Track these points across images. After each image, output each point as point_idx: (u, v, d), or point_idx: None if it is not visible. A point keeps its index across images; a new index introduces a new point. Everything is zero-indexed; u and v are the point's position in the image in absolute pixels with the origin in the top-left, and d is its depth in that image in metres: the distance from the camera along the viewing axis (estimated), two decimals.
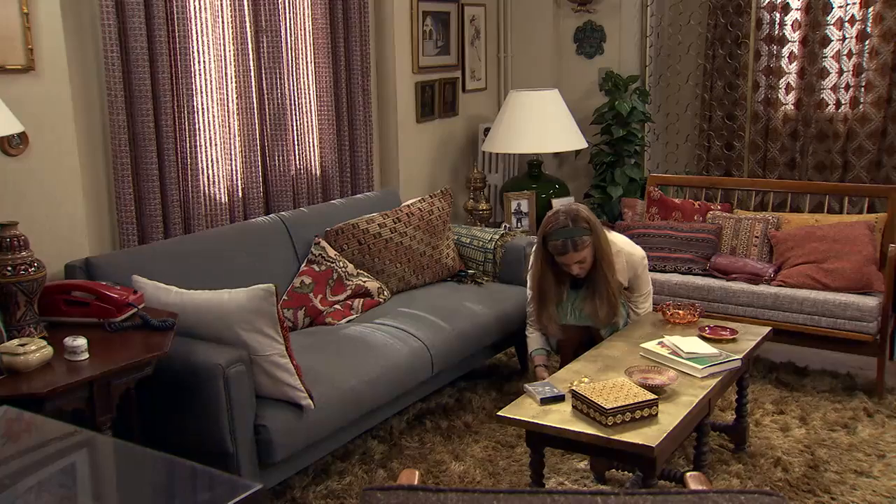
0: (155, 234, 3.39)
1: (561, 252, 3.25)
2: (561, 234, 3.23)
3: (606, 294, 3.31)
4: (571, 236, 3.22)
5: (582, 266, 3.29)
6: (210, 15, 3.55)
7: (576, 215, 3.25)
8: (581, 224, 3.24)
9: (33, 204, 2.98)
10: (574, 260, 3.25)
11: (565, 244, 3.22)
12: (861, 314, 3.66)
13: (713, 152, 5.68)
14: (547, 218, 3.32)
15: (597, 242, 3.27)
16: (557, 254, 3.27)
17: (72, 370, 2.31)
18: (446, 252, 4.08)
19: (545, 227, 3.30)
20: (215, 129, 3.63)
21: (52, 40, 2.97)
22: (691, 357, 2.89)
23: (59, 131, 3.03)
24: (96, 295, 2.65)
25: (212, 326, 2.76)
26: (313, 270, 3.63)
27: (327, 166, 4.22)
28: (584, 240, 3.23)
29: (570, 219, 3.24)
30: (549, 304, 3.39)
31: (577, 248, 3.22)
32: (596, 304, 3.33)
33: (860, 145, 5.20)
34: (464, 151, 5.33)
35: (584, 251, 3.24)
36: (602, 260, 3.30)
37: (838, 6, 5.17)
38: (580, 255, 3.25)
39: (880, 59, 5.06)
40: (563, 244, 3.22)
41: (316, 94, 4.14)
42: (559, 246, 3.23)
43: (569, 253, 3.23)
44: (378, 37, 4.60)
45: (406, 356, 3.29)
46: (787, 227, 4.16)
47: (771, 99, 5.45)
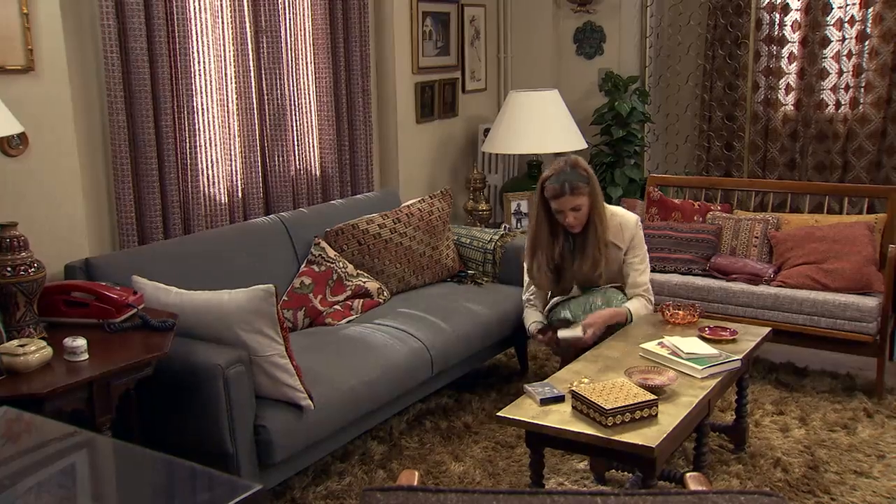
0: (155, 234, 3.39)
1: (557, 194, 3.29)
2: (559, 177, 3.29)
3: (600, 249, 3.37)
4: (569, 180, 3.28)
5: (576, 216, 3.33)
6: (210, 15, 3.56)
7: (575, 163, 3.35)
8: (579, 171, 3.32)
9: (33, 204, 2.97)
10: (569, 205, 3.29)
11: (562, 186, 3.27)
12: (861, 315, 3.66)
13: (713, 153, 5.68)
14: (550, 166, 3.40)
15: (592, 193, 3.34)
16: (553, 196, 3.31)
17: (71, 371, 2.31)
18: (446, 252, 4.08)
19: (545, 174, 3.37)
20: (215, 129, 3.63)
21: (51, 41, 2.97)
22: (691, 358, 2.89)
23: (58, 132, 3.03)
24: (96, 295, 2.65)
25: (211, 327, 2.76)
26: (313, 271, 3.63)
27: (327, 167, 4.22)
28: (580, 185, 3.29)
29: (568, 165, 3.33)
30: (540, 253, 3.43)
31: (572, 192, 3.27)
32: (588, 260, 3.39)
33: (860, 146, 5.21)
34: (463, 152, 5.33)
35: (580, 199, 3.30)
36: (595, 212, 3.36)
37: (838, 7, 5.17)
38: (575, 201, 3.29)
39: (880, 60, 5.06)
40: (560, 187, 3.27)
41: (316, 94, 4.14)
42: (556, 189, 3.28)
43: (565, 196, 3.28)
44: (378, 37, 4.60)
45: (406, 357, 3.29)
46: (786, 227, 4.16)
47: (771, 99, 5.45)
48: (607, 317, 3.36)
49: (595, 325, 3.31)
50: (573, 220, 3.34)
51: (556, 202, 3.32)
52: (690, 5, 5.53)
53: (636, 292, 3.49)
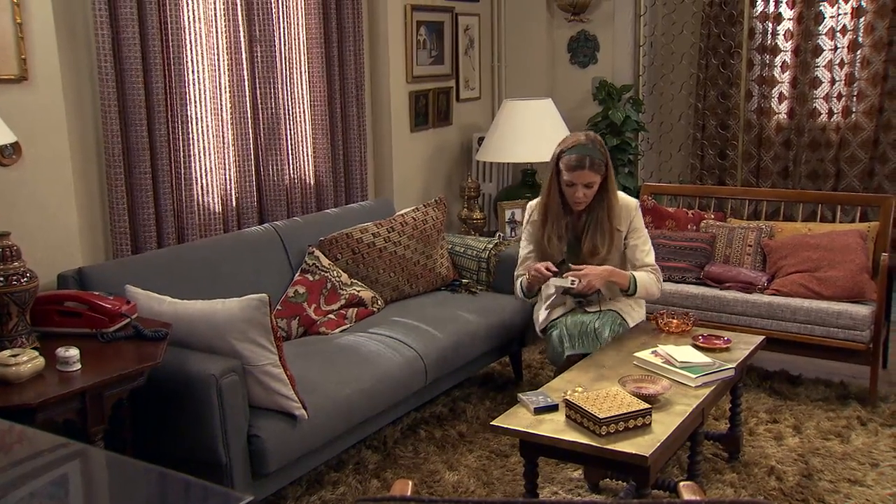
0: (148, 243, 3.39)
1: (575, 167, 3.24)
2: (581, 149, 3.25)
3: (609, 228, 3.34)
4: (590, 154, 3.24)
5: (586, 193, 3.29)
6: (204, 25, 3.56)
7: (595, 139, 3.32)
8: (599, 148, 3.30)
9: (26, 213, 2.97)
10: (584, 180, 3.26)
11: (582, 160, 3.23)
12: (854, 323, 3.67)
13: (707, 161, 5.70)
14: (568, 136, 3.36)
15: (608, 173, 3.32)
16: (570, 168, 3.26)
17: (64, 381, 2.30)
18: (440, 261, 4.08)
19: (563, 144, 3.32)
20: (209, 138, 3.63)
21: (45, 50, 2.97)
22: (685, 366, 2.89)
23: (52, 141, 3.03)
24: (89, 305, 2.65)
25: (205, 336, 2.75)
26: (307, 280, 3.62)
27: (321, 175, 4.22)
28: (599, 163, 3.26)
29: (589, 140, 3.30)
30: (552, 224, 3.38)
31: (591, 167, 3.24)
32: (597, 239, 3.34)
33: (852, 154, 5.23)
34: (458, 160, 5.33)
35: (595, 176, 3.27)
36: (609, 192, 3.33)
37: (830, 16, 5.21)
38: (592, 177, 3.26)
39: (872, 69, 5.09)
40: (580, 159, 3.23)
41: (310, 103, 4.14)
42: (576, 159, 3.24)
43: (584, 170, 3.24)
44: (372, 46, 4.61)
45: (400, 365, 3.29)
46: (780, 235, 4.17)
47: (764, 108, 5.48)
48: (604, 272, 3.30)
49: (589, 275, 3.26)
50: (583, 197, 3.30)
51: (571, 174, 3.26)
52: (684, 15, 5.55)
53: (644, 270, 3.43)
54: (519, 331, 3.99)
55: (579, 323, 3.36)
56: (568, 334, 3.36)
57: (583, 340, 3.34)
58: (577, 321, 3.38)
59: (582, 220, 3.41)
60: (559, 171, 3.32)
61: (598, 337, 3.32)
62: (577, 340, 3.34)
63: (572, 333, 3.36)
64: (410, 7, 4.71)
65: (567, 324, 3.39)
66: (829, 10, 5.19)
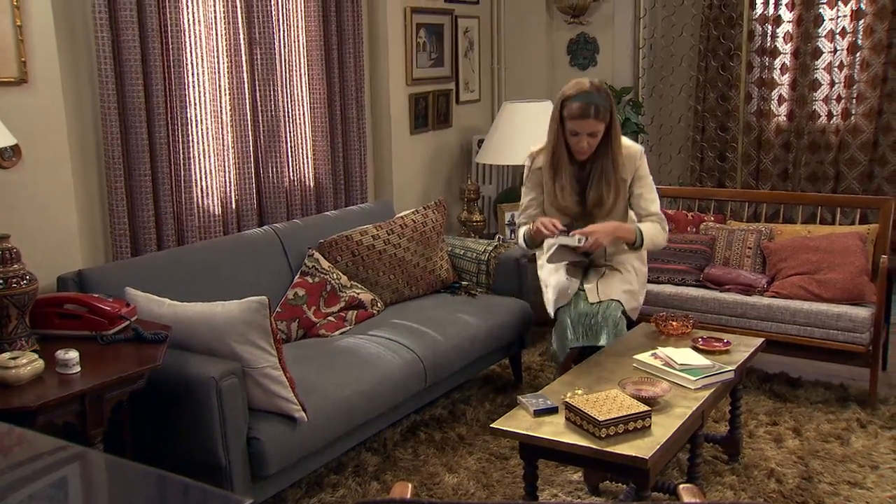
0: (148, 245, 3.39)
1: (580, 115, 3.15)
2: (586, 97, 3.16)
3: (615, 178, 3.27)
4: (595, 103, 3.15)
5: (590, 143, 3.22)
6: (204, 27, 3.56)
7: (600, 87, 3.21)
8: (604, 95, 3.20)
9: (26, 216, 2.97)
10: (588, 129, 3.18)
11: (587, 108, 3.14)
12: (854, 325, 3.67)
13: (706, 163, 5.71)
14: (571, 83, 3.25)
15: (613, 121, 3.24)
16: (574, 117, 3.16)
17: (63, 383, 2.30)
18: (440, 264, 4.08)
19: (567, 90, 3.22)
20: (209, 140, 3.63)
21: (45, 52, 2.97)
22: (684, 369, 2.89)
23: (52, 143, 3.03)
24: (88, 307, 2.65)
25: (205, 339, 2.75)
26: (307, 282, 3.62)
27: (321, 178, 4.22)
28: (604, 111, 3.18)
29: (594, 87, 3.20)
30: (563, 175, 3.30)
31: (597, 116, 3.16)
32: (602, 189, 3.28)
33: (852, 156, 5.23)
34: (458, 163, 5.34)
35: (600, 125, 3.19)
36: (613, 140, 3.25)
37: (829, 19, 5.21)
38: (596, 126, 3.18)
39: (871, 71, 5.09)
40: (585, 107, 3.14)
41: (310, 105, 4.14)
42: (580, 107, 3.15)
43: (588, 119, 3.15)
44: (372, 49, 4.61)
45: (399, 368, 3.29)
46: (779, 238, 4.17)
47: (763, 110, 5.48)
48: (610, 229, 3.25)
49: (596, 233, 3.20)
50: (587, 146, 3.22)
51: (575, 123, 3.17)
52: (683, 17, 5.56)
53: (649, 220, 3.37)
54: (518, 333, 3.99)
55: (583, 315, 3.34)
56: (572, 326, 3.36)
57: (587, 333, 3.33)
58: (581, 313, 3.34)
59: (586, 169, 3.33)
60: (563, 118, 3.23)
61: (599, 332, 3.31)
62: (581, 333, 3.33)
63: (576, 326, 3.35)
64: (410, 9, 4.72)
65: (571, 315, 3.36)
66: (829, 12, 5.19)
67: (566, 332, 3.36)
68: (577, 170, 3.34)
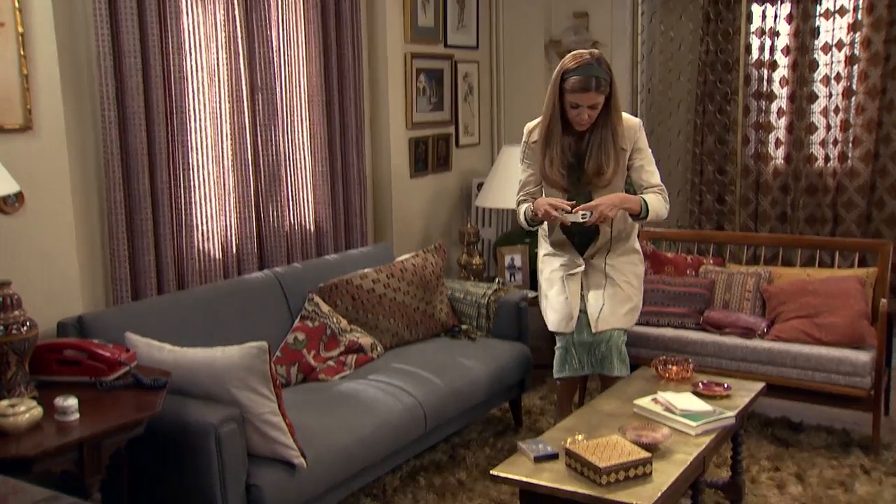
0: (149, 290, 3.40)
1: (581, 88, 3.16)
2: (587, 69, 3.15)
3: (614, 148, 3.28)
4: (596, 76, 3.15)
5: (591, 115, 3.22)
6: (206, 73, 3.60)
7: (600, 58, 3.21)
8: (605, 68, 3.20)
9: (27, 261, 2.98)
10: (590, 102, 3.18)
11: (588, 80, 3.14)
12: (855, 369, 3.65)
13: (705, 206, 5.74)
14: (570, 56, 3.24)
15: (613, 92, 3.24)
16: (575, 90, 3.17)
17: (62, 431, 2.29)
18: (440, 307, 4.08)
19: (567, 63, 3.21)
20: (210, 185, 3.66)
21: (50, 100, 3.01)
22: (685, 414, 2.88)
23: (54, 189, 3.06)
24: (88, 353, 2.64)
25: (204, 384, 2.74)
26: (307, 326, 3.62)
27: (321, 221, 4.24)
28: (605, 83, 3.18)
29: (595, 59, 3.19)
30: (554, 147, 3.31)
31: (598, 89, 3.16)
32: (602, 159, 3.28)
33: (849, 199, 5.26)
34: (457, 206, 5.36)
35: (601, 97, 3.19)
36: (613, 111, 3.25)
37: (824, 64, 5.28)
38: (597, 98, 3.18)
39: (866, 115, 5.14)
40: (587, 80, 3.14)
41: (310, 149, 4.18)
42: (581, 81, 3.15)
43: (589, 92, 3.16)
44: (372, 93, 4.67)
45: (399, 413, 3.27)
46: (779, 281, 4.18)
47: (761, 153, 5.53)
48: (617, 201, 3.24)
49: (601, 206, 3.20)
50: (587, 118, 3.22)
51: (576, 96, 3.18)
52: (680, 62, 5.63)
53: (652, 191, 3.37)
54: (519, 377, 3.99)
55: (587, 344, 3.42)
56: (577, 355, 3.43)
57: (592, 363, 3.44)
58: (584, 342, 3.42)
59: (584, 139, 3.33)
60: (562, 91, 3.24)
61: (601, 362, 3.42)
62: (588, 363, 3.44)
63: (581, 355, 3.43)
64: (410, 55, 4.78)
65: (575, 342, 3.42)
66: (824, 57, 5.26)
67: (571, 358, 3.45)
68: (574, 141, 3.35)
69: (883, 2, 4.99)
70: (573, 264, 3.49)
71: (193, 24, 3.53)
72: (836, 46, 5.21)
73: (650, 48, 5.55)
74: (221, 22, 3.64)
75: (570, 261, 3.51)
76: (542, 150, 3.35)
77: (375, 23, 4.62)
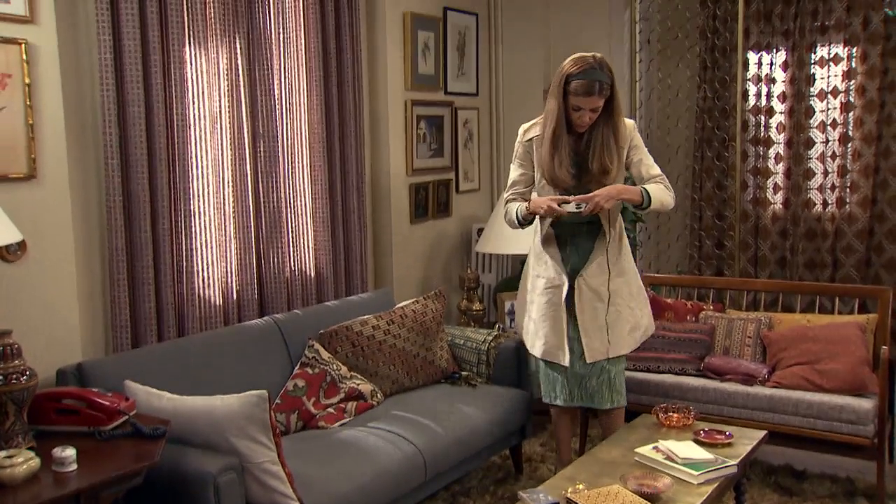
0: (149, 337, 3.39)
1: (584, 92, 3.22)
2: (590, 73, 3.22)
3: (617, 148, 3.33)
4: (599, 79, 3.22)
5: (591, 117, 3.29)
6: (209, 121, 3.64)
7: (602, 61, 3.27)
8: (607, 71, 3.26)
9: (29, 309, 2.99)
10: (592, 105, 3.25)
11: (592, 85, 3.21)
12: (857, 417, 3.63)
13: (704, 251, 5.75)
14: (571, 60, 3.30)
15: (614, 93, 3.30)
16: (579, 94, 3.23)
17: (59, 482, 2.28)
18: (440, 354, 4.08)
19: (570, 66, 3.27)
20: (211, 231, 3.68)
21: (54, 149, 3.04)
22: (686, 463, 2.86)
23: (57, 237, 3.07)
24: (87, 402, 2.63)
25: (203, 433, 2.73)
26: (307, 373, 3.62)
27: (322, 268, 4.25)
28: (607, 86, 3.25)
29: (598, 63, 3.25)
30: (562, 149, 3.34)
31: (600, 92, 3.23)
32: (605, 158, 3.32)
33: (848, 244, 5.28)
34: (457, 251, 5.38)
35: (602, 100, 3.26)
36: (615, 112, 3.32)
37: (820, 110, 5.33)
38: (599, 101, 3.25)
39: (863, 161, 5.18)
40: (590, 84, 3.21)
41: (311, 196, 4.20)
42: (585, 85, 3.21)
43: (593, 96, 3.22)
44: (373, 140, 4.71)
45: (399, 461, 3.25)
46: (779, 327, 4.17)
47: (759, 198, 5.56)
48: (614, 192, 3.28)
49: (596, 196, 3.23)
50: (589, 120, 3.30)
51: (580, 100, 3.25)
52: (678, 109, 5.69)
53: (653, 181, 3.41)
54: (519, 424, 3.96)
55: (579, 377, 3.47)
56: (568, 388, 3.49)
57: (582, 395, 3.50)
58: (576, 374, 3.47)
59: (584, 139, 3.39)
60: (566, 94, 3.29)
61: (592, 396, 3.48)
62: (578, 395, 3.49)
63: (572, 387, 3.48)
64: (411, 102, 4.84)
65: (568, 375, 3.48)
66: (820, 104, 5.32)
67: (558, 388, 3.52)
68: (574, 141, 3.40)
69: (876, 50, 5.06)
70: (559, 280, 3.47)
71: (197, 73, 3.57)
72: (831, 93, 5.27)
73: (648, 95, 5.62)
74: (224, 70, 3.70)
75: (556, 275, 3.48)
76: (551, 153, 3.39)
77: (377, 70, 4.68)
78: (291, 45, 4.06)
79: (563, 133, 3.36)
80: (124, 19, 3.24)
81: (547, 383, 3.60)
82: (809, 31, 5.29)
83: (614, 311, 3.44)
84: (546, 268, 3.52)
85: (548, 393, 3.61)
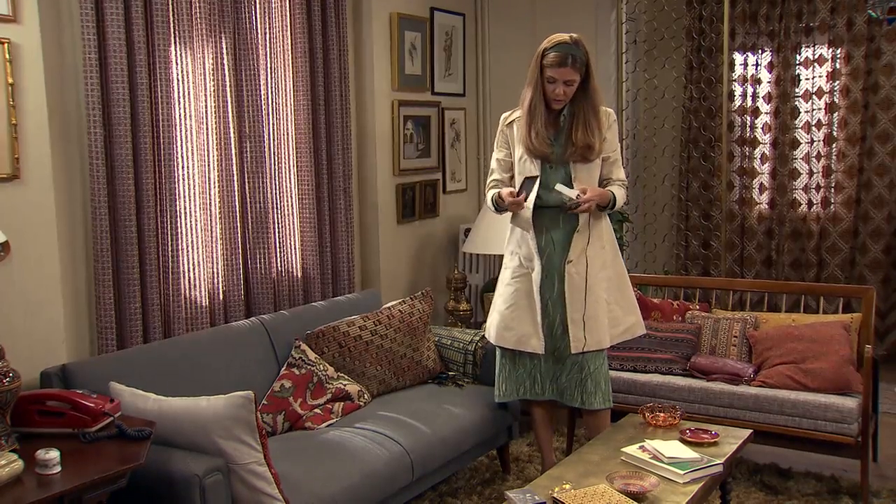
0: (134, 338, 3.38)
1: (557, 63, 3.33)
2: (562, 47, 3.35)
3: (597, 126, 3.42)
4: (572, 53, 3.33)
5: (566, 91, 3.38)
6: (195, 122, 3.63)
7: (578, 40, 3.40)
8: (582, 48, 3.38)
9: (12, 310, 2.97)
10: (565, 77, 3.34)
11: (565, 57, 3.32)
12: (842, 416, 3.65)
13: (691, 251, 5.78)
14: (549, 38, 3.42)
15: (590, 74, 3.40)
16: (552, 65, 3.34)
17: (42, 485, 2.26)
18: (427, 354, 4.08)
19: (546, 43, 3.40)
20: (197, 232, 3.66)
21: (38, 149, 3.02)
22: (672, 462, 2.87)
23: (41, 238, 3.05)
24: (71, 404, 2.61)
25: (189, 434, 2.72)
26: (293, 374, 3.61)
27: (308, 268, 4.25)
28: (580, 61, 3.34)
29: (573, 40, 3.38)
30: (539, 121, 3.43)
31: (573, 64, 3.33)
32: (588, 135, 3.40)
33: (833, 244, 5.32)
34: (444, 252, 5.38)
35: (576, 74, 3.35)
36: (591, 91, 3.41)
37: (805, 111, 5.37)
38: (572, 74, 3.35)
39: (847, 162, 5.22)
40: (563, 56, 3.32)
41: (298, 197, 4.20)
42: (558, 56, 3.33)
43: (565, 67, 3.33)
44: (360, 140, 4.71)
45: (386, 461, 3.25)
46: (764, 326, 4.19)
47: (745, 198, 5.60)
48: (604, 200, 3.43)
49: (591, 200, 3.35)
50: (563, 94, 3.38)
51: (553, 70, 3.35)
52: (664, 109, 5.71)
53: (616, 184, 3.54)
54: (506, 424, 3.96)
55: (550, 371, 3.51)
56: (541, 380, 3.53)
57: (553, 389, 3.54)
58: (549, 369, 3.51)
59: (561, 118, 3.48)
60: (542, 68, 3.40)
61: (563, 392, 3.52)
62: (550, 390, 3.53)
63: (543, 380, 3.52)
64: (398, 102, 4.83)
65: (540, 368, 3.52)
66: (805, 104, 5.36)
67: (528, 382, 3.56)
68: (553, 117, 3.49)
69: (860, 52, 5.10)
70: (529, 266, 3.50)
71: (182, 73, 3.56)
72: (816, 94, 5.31)
73: (635, 96, 5.64)
74: (210, 70, 3.68)
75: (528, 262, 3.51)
76: (528, 123, 3.48)
77: (363, 70, 4.68)
78: (278, 46, 4.06)
79: (540, 105, 3.45)
80: (109, 18, 3.23)
81: (511, 381, 3.60)
82: (794, 32, 5.33)
83: (593, 303, 3.46)
84: (513, 258, 3.57)
85: (512, 391, 3.61)
